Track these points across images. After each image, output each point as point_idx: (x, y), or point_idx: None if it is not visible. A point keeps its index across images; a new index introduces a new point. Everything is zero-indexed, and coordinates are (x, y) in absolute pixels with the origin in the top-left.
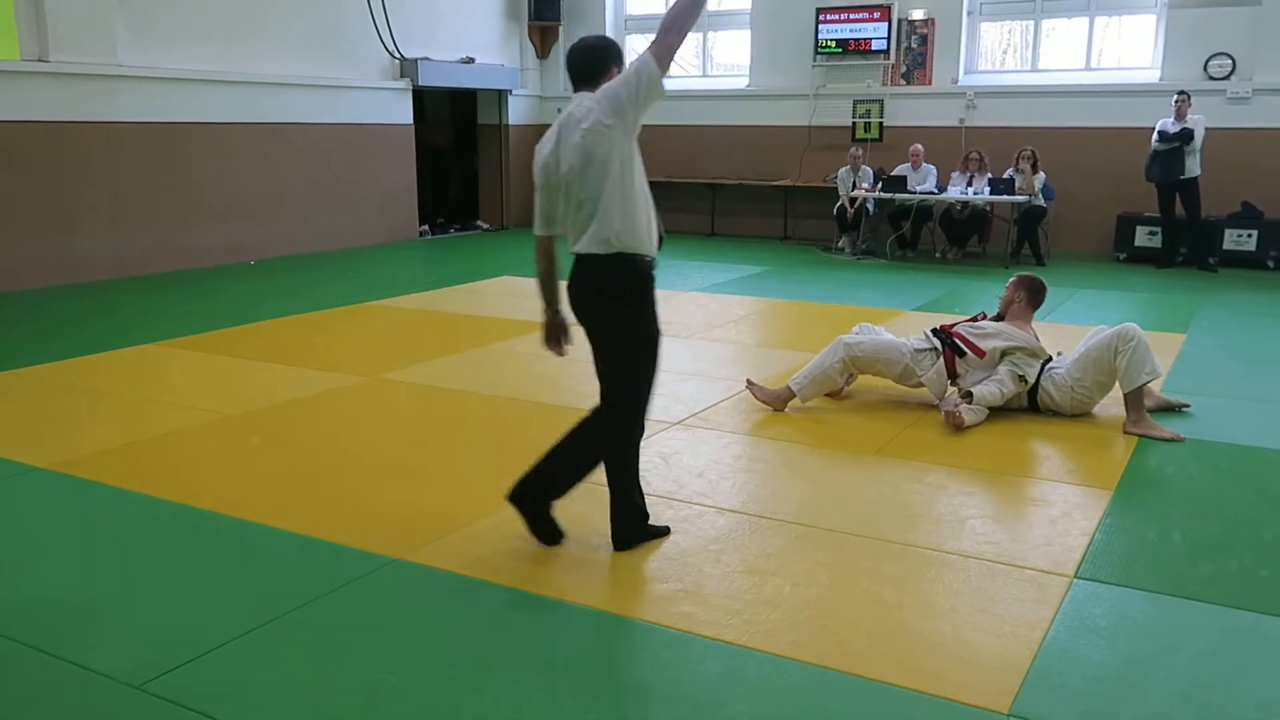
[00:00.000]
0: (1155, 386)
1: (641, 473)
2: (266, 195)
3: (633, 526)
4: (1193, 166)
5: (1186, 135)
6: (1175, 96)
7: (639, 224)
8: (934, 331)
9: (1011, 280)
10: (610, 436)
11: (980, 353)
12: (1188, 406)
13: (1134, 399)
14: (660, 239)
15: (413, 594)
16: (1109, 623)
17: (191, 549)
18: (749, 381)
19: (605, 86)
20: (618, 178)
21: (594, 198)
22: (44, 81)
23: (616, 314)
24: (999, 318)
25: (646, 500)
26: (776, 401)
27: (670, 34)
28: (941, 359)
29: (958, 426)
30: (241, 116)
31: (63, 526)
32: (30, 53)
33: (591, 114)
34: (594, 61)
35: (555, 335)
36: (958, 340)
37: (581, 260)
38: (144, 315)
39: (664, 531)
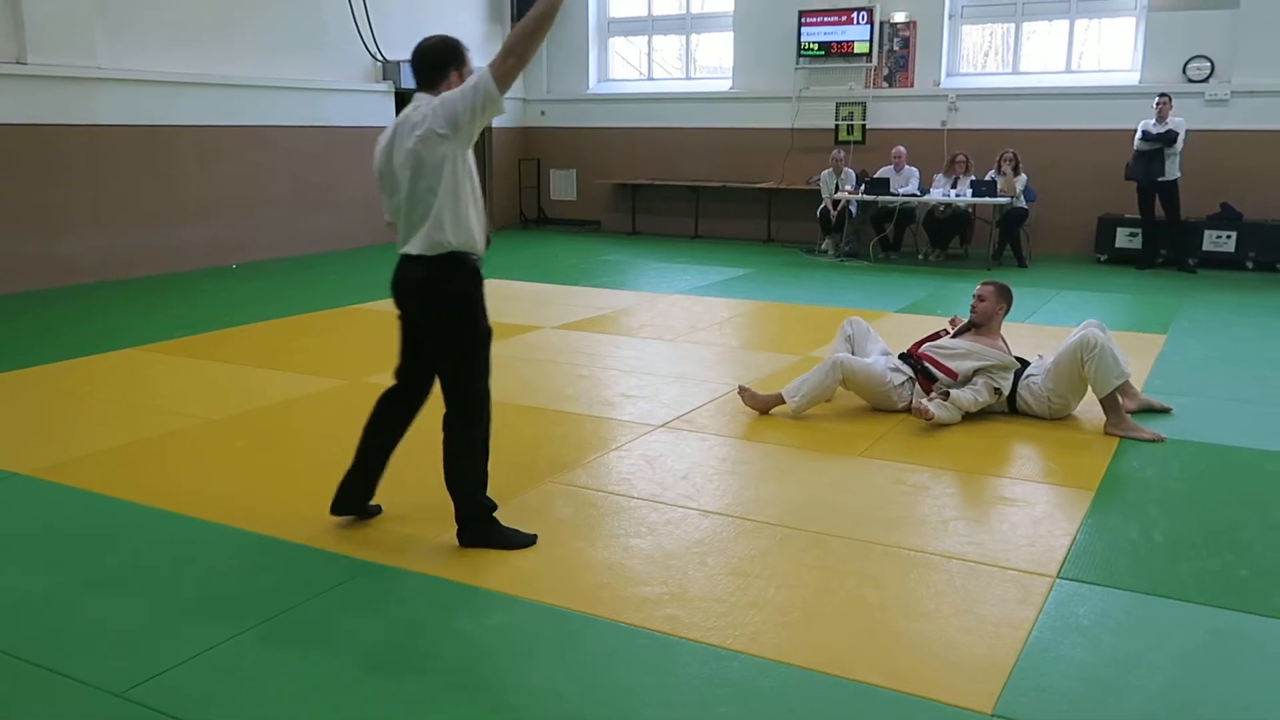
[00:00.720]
0: (1138, 386)
1: (627, 475)
2: (248, 198)
3: (484, 528)
4: (1172, 169)
5: (1170, 137)
6: (1157, 99)
7: (470, 226)
8: (903, 357)
9: (989, 290)
10: (474, 434)
11: (952, 374)
12: (1169, 410)
13: (1109, 403)
14: (488, 240)
15: (397, 599)
16: (1091, 622)
17: (175, 554)
18: (741, 387)
19: (444, 96)
20: (450, 184)
21: (427, 202)
22: (22, 84)
23: (455, 313)
24: (970, 325)
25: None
26: (764, 406)
27: (511, 56)
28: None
29: (925, 418)
30: (223, 119)
31: (45, 532)
32: (8, 55)
33: (427, 121)
34: (433, 64)
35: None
36: (929, 365)
37: (413, 260)
38: (126, 319)
39: (530, 540)
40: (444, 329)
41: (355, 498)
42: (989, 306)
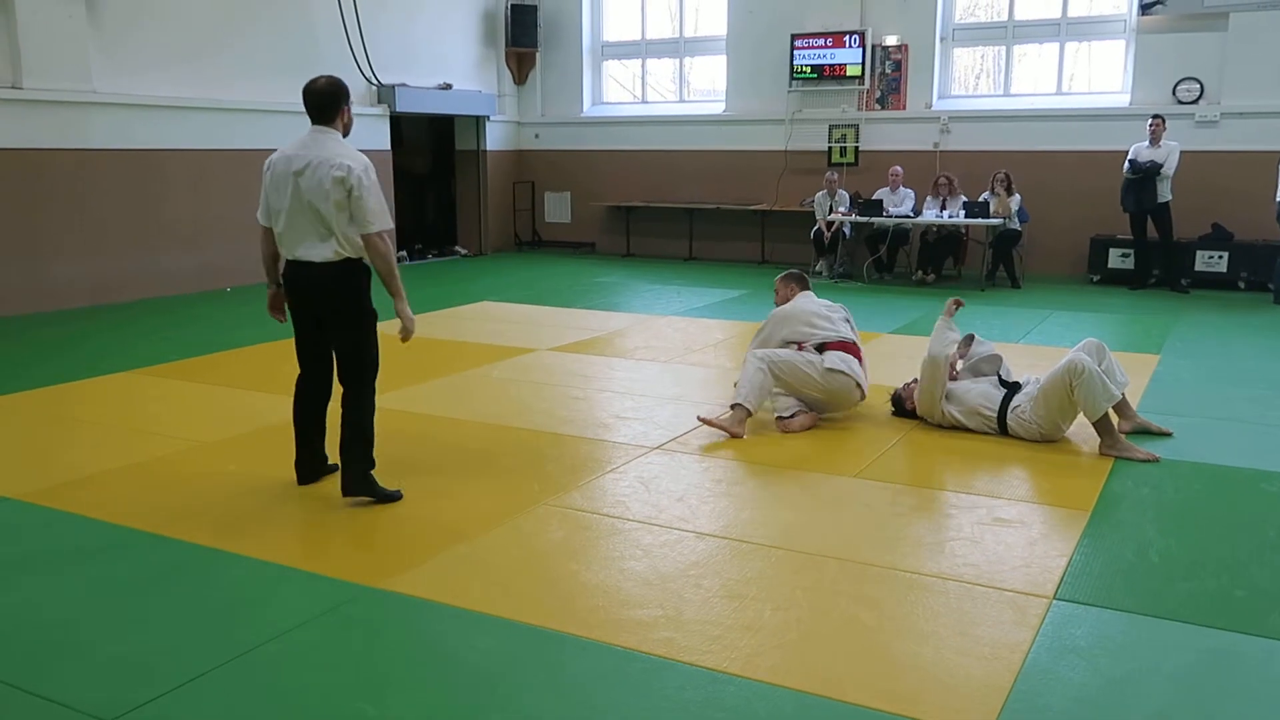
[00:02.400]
0: (1134, 406)
1: (621, 497)
2: (242, 222)
3: (366, 479)
4: (1164, 192)
5: (1154, 168)
6: (1150, 120)
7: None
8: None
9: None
10: (367, 404)
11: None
12: (1170, 434)
13: (1103, 425)
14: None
15: (386, 622)
16: (1089, 644)
17: (166, 579)
18: (700, 418)
19: (365, 186)
20: (349, 215)
21: (329, 224)
22: (17, 109)
23: (352, 304)
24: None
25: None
26: (736, 425)
27: (380, 259)
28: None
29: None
30: (216, 143)
31: (34, 557)
32: (3, 79)
33: (350, 173)
34: (326, 104)
35: (279, 305)
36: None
37: (309, 265)
38: (118, 342)
39: (396, 495)
40: (342, 318)
41: (311, 469)
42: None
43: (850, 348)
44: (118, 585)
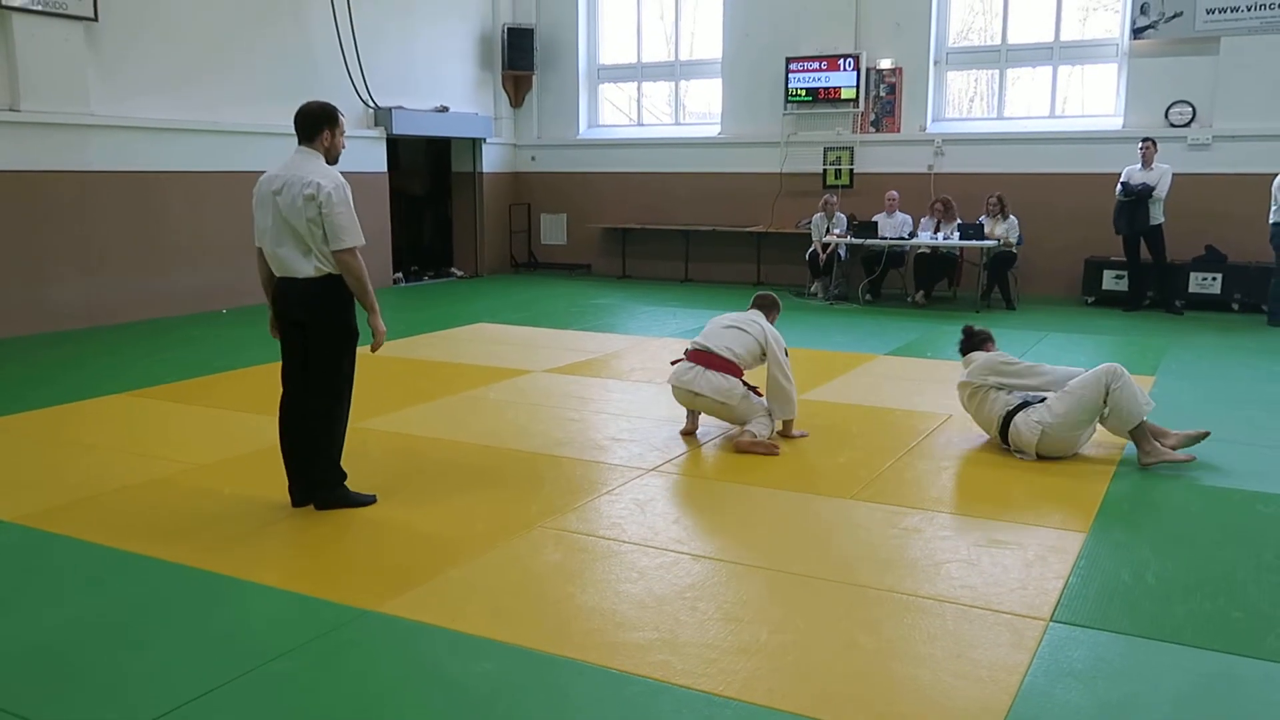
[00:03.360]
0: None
1: (617, 520)
2: (238, 244)
3: (334, 492)
4: (1156, 215)
5: (1145, 191)
6: (1141, 143)
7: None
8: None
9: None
10: (338, 422)
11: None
12: (1208, 434)
13: (1139, 434)
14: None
15: (384, 645)
16: (1085, 666)
17: (161, 602)
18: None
19: (334, 203)
20: (322, 233)
21: (306, 241)
22: (15, 131)
23: (335, 319)
24: None
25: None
26: (769, 447)
27: (353, 278)
28: None
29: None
30: (213, 166)
31: (32, 581)
32: (1, 102)
33: (319, 190)
34: (311, 125)
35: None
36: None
37: (294, 281)
38: (115, 364)
39: (370, 500)
40: (324, 330)
41: (303, 491)
42: None
43: (696, 356)
44: (113, 608)
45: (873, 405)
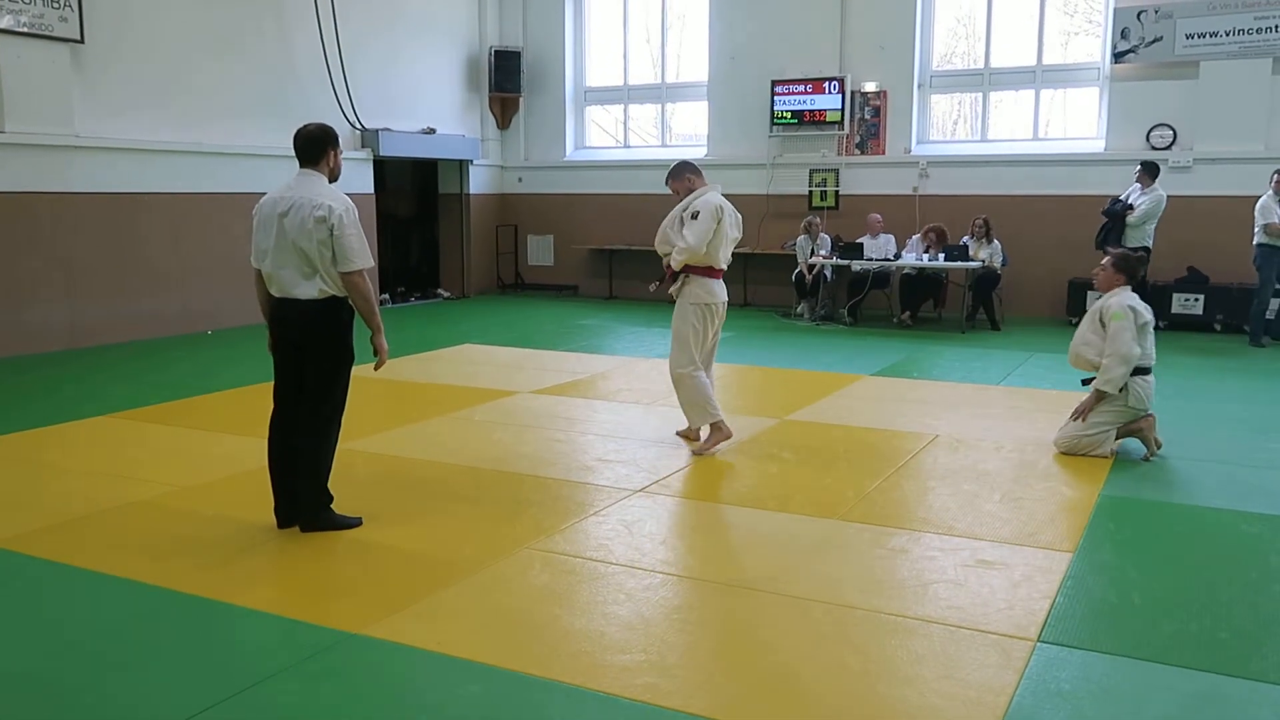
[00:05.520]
0: (1109, 448)
1: (604, 541)
2: (222, 265)
3: (319, 514)
4: (1134, 238)
5: (1122, 210)
6: (1137, 167)
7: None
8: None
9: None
10: (327, 443)
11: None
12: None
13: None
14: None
15: (368, 670)
16: (1073, 687)
17: (143, 625)
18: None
19: (345, 225)
20: (332, 255)
21: (313, 263)
22: (0, 152)
23: (334, 340)
24: None
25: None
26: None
27: (358, 295)
28: None
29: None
30: (197, 187)
31: (15, 606)
32: None
33: (331, 213)
34: (313, 146)
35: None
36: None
37: (295, 302)
38: (98, 386)
39: (355, 522)
40: (322, 351)
41: (290, 513)
42: None
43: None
44: (95, 632)
45: (859, 426)
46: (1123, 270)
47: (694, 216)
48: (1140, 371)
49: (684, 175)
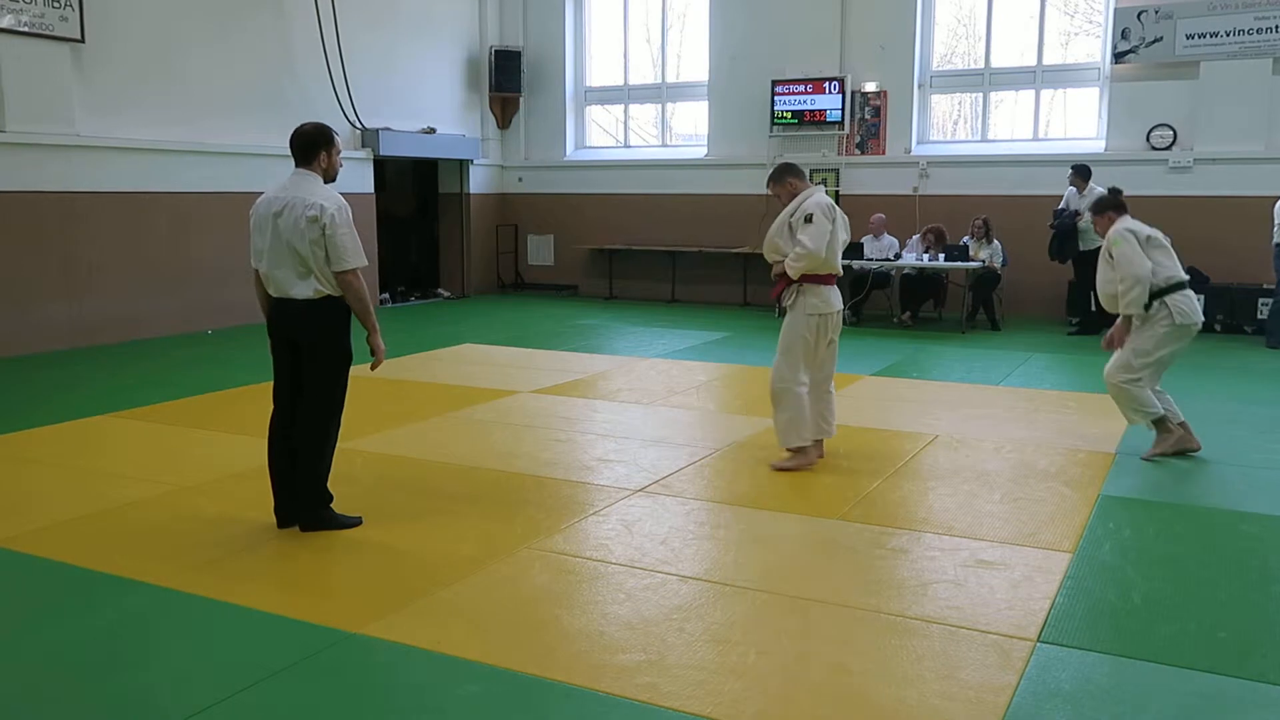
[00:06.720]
0: (1112, 447)
1: (604, 540)
2: (224, 264)
3: (318, 513)
4: (1093, 240)
5: (1073, 218)
6: (1069, 171)
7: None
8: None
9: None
10: (327, 443)
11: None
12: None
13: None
14: None
15: (367, 669)
16: (1073, 687)
17: (142, 625)
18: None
19: (338, 225)
20: (325, 254)
21: (308, 262)
22: (1, 152)
23: (331, 340)
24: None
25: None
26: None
27: (353, 295)
28: None
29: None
30: (199, 186)
31: (13, 605)
32: None
33: (323, 212)
34: (308, 146)
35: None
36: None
37: (292, 301)
38: (99, 386)
39: (355, 522)
40: (319, 350)
41: (290, 512)
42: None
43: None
44: (92, 631)
45: (859, 426)
46: (1107, 209)
47: (807, 220)
48: (1174, 288)
49: (786, 179)
